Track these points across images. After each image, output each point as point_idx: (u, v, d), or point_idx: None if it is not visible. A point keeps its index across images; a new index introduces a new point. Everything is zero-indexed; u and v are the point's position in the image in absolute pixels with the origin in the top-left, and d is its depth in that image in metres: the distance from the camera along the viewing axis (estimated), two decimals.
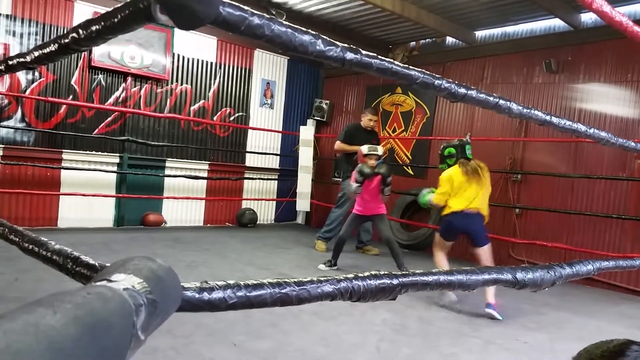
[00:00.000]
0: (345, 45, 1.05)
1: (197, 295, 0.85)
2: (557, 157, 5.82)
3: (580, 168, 5.62)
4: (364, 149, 5.08)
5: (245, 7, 0.84)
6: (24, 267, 3.83)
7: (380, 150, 5.14)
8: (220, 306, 0.88)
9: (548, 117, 1.67)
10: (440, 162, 4.35)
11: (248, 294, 0.90)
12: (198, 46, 7.17)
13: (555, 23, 5.97)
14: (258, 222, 7.93)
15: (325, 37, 1.00)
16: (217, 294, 0.87)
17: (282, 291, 0.95)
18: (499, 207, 6.09)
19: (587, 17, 5.67)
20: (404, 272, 1.20)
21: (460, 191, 3.99)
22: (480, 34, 6.78)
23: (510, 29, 6.49)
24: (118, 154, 6.57)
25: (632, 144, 2.25)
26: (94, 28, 1.04)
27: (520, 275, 1.43)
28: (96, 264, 1.05)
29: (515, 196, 6.12)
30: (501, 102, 1.48)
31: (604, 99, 5.55)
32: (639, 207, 5.19)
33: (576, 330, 3.68)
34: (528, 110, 1.59)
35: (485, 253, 3.97)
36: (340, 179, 6.23)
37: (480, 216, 3.99)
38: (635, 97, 5.32)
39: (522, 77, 6.24)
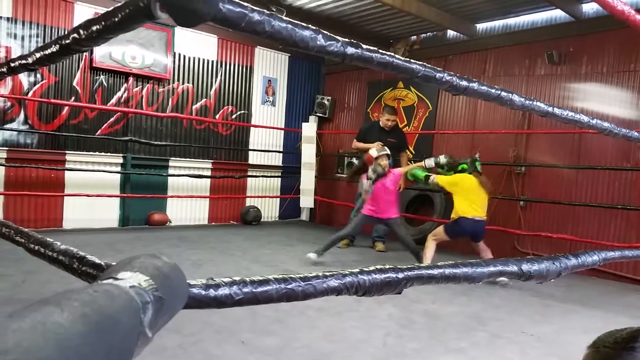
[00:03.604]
0: (346, 39, 1.05)
1: (203, 292, 0.86)
2: (560, 149, 5.80)
3: (584, 159, 5.60)
4: (373, 152, 5.10)
5: (245, 4, 0.84)
6: (30, 269, 3.85)
7: (387, 149, 5.15)
8: (227, 302, 0.88)
9: (550, 109, 1.67)
10: (450, 170, 4.90)
11: (254, 290, 0.91)
12: (199, 45, 7.17)
13: (557, 14, 5.95)
14: (262, 220, 7.93)
15: (325, 32, 1.00)
16: (224, 291, 0.88)
17: (288, 287, 0.95)
18: (503, 199, 6.08)
19: (589, 7, 5.65)
20: (409, 266, 1.20)
21: (471, 198, 4.58)
22: (481, 26, 6.75)
23: (511, 21, 6.46)
24: (121, 154, 6.58)
25: (636, 133, 2.24)
26: (94, 28, 1.04)
27: (525, 266, 1.43)
28: (102, 263, 1.05)
29: (520, 189, 6.11)
30: (503, 94, 1.48)
31: (606, 89, 5.53)
32: None
33: (583, 321, 3.67)
34: (530, 102, 1.59)
35: (482, 243, 4.75)
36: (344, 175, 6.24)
37: (484, 221, 4.68)
38: (638, 86, 5.29)
39: (524, 70, 6.22)
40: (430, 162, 4.97)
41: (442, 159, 4.92)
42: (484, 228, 4.71)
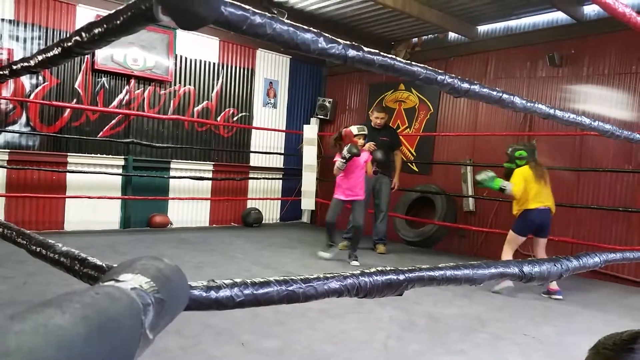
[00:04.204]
0: (347, 42, 1.05)
1: (204, 294, 0.86)
2: (562, 151, 5.80)
3: (585, 161, 5.60)
4: (354, 129, 5.33)
5: (247, 7, 0.84)
6: (32, 271, 3.85)
7: (366, 129, 5.42)
8: (228, 304, 0.88)
9: (552, 111, 1.67)
10: (509, 161, 4.70)
11: (255, 292, 0.91)
12: (200, 47, 7.18)
13: (558, 16, 5.95)
14: (263, 222, 7.94)
15: (327, 34, 1.00)
16: (225, 292, 0.88)
17: (289, 288, 0.95)
18: (504, 202, 6.07)
19: (590, 9, 5.65)
20: (410, 268, 1.20)
21: (534, 190, 4.39)
22: (482, 28, 6.75)
23: (512, 23, 6.47)
24: (123, 156, 6.59)
25: (638, 136, 2.24)
26: (96, 31, 1.05)
27: (527, 268, 1.43)
28: (103, 264, 1.05)
29: None
30: (505, 96, 1.48)
31: (608, 91, 5.52)
32: None
33: (584, 323, 3.67)
34: (532, 104, 1.59)
35: (544, 243, 4.55)
36: None
37: (550, 211, 4.48)
38: None
39: (526, 72, 6.22)
40: (503, 183, 4.51)
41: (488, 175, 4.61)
42: (550, 218, 4.49)
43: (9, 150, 5.75)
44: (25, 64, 1.67)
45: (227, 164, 7.65)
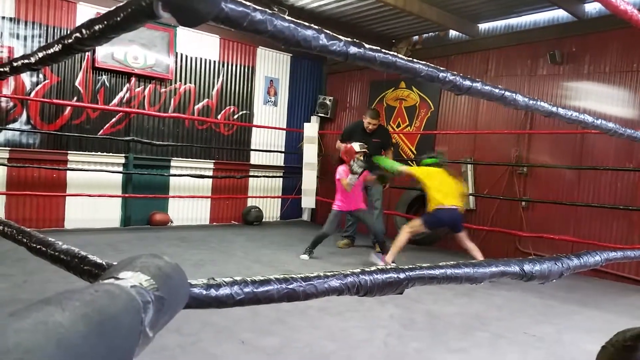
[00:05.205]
0: (349, 39, 1.05)
1: (204, 292, 0.86)
2: (562, 149, 5.79)
3: (586, 159, 5.59)
4: (356, 146, 5.32)
5: (248, 3, 0.84)
6: (32, 269, 3.85)
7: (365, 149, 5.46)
8: (228, 302, 0.88)
9: (554, 109, 1.66)
10: (418, 165, 5.20)
11: (255, 290, 0.90)
12: (201, 45, 7.17)
13: (559, 14, 5.94)
14: (264, 220, 7.93)
15: (328, 31, 1.00)
16: (225, 290, 0.88)
17: (289, 287, 0.95)
18: (505, 200, 6.08)
19: (591, 7, 5.64)
20: (410, 266, 1.19)
21: (444, 189, 4.80)
22: (483, 26, 6.74)
23: (513, 21, 6.45)
24: (123, 154, 6.59)
25: None
26: (97, 27, 1.04)
27: (527, 267, 1.42)
28: (103, 262, 1.05)
29: (522, 189, 6.09)
30: (507, 94, 1.48)
31: (609, 89, 5.51)
32: None
33: (585, 322, 3.66)
34: (534, 102, 1.58)
35: (463, 236, 4.90)
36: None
37: (459, 209, 4.88)
38: None
39: (527, 70, 6.21)
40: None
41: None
42: (461, 216, 4.88)
43: (9, 149, 5.75)
44: (26, 61, 1.66)
45: (228, 162, 7.65)
